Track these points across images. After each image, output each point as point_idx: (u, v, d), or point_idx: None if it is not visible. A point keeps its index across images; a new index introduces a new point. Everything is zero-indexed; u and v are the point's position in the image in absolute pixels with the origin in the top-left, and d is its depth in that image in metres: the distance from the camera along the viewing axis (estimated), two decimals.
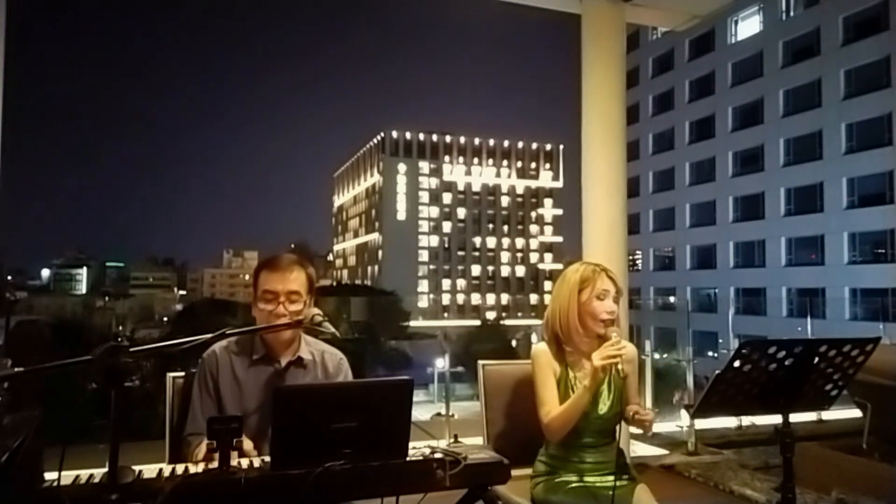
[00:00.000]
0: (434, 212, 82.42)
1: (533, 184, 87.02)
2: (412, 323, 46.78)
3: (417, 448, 1.74)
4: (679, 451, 5.26)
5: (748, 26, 38.67)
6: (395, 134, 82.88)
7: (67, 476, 1.49)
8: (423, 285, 79.61)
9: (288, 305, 2.05)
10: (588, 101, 4.43)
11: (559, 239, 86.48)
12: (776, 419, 1.93)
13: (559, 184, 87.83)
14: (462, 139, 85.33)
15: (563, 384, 2.22)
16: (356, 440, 1.57)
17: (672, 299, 42.25)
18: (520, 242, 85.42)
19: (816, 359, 1.86)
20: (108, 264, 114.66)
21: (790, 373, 1.85)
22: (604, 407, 2.20)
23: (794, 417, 1.94)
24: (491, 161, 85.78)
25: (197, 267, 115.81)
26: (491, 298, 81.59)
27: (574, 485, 2.18)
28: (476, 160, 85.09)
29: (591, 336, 2.23)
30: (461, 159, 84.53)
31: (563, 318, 2.25)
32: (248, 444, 1.85)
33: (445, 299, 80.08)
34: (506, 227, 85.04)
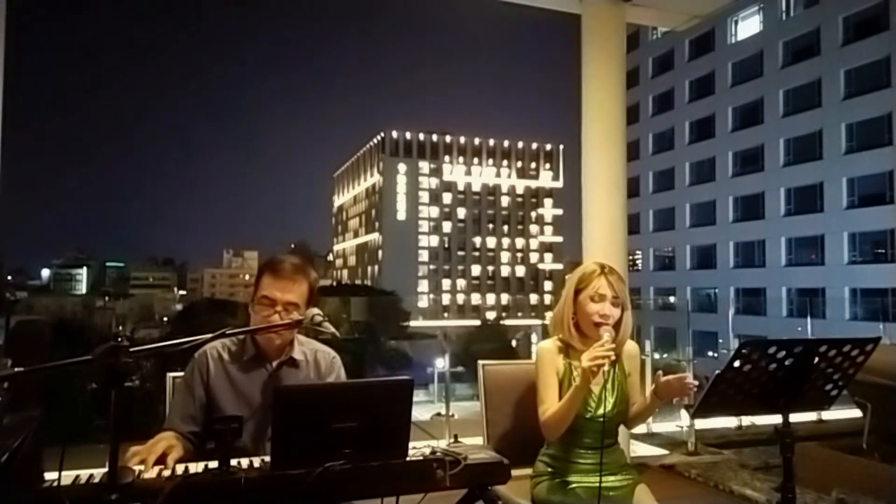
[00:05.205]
0: (434, 212, 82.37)
1: (533, 184, 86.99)
2: (412, 323, 46.76)
3: (417, 448, 1.74)
4: (679, 451, 5.28)
5: (748, 26, 38.66)
6: (395, 134, 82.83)
7: (67, 476, 1.49)
8: (423, 285, 79.56)
9: (284, 315, 2.03)
10: (588, 101, 4.44)
11: (559, 239, 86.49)
12: (776, 419, 1.93)
13: (559, 184, 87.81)
14: (462, 139, 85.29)
15: (566, 382, 2.21)
16: (356, 440, 1.56)
17: (672, 299, 42.26)
18: (520, 242, 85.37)
19: (816, 359, 1.86)
20: (108, 264, 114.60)
21: (790, 373, 1.85)
22: (606, 408, 2.19)
23: (794, 417, 1.93)
24: (491, 161, 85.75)
25: (197, 267, 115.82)
26: (491, 298, 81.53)
27: (574, 485, 2.17)
28: (476, 160, 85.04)
29: (584, 336, 2.24)
30: (461, 159, 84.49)
31: (562, 316, 2.28)
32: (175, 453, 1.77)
33: (445, 299, 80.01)
34: (506, 227, 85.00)
